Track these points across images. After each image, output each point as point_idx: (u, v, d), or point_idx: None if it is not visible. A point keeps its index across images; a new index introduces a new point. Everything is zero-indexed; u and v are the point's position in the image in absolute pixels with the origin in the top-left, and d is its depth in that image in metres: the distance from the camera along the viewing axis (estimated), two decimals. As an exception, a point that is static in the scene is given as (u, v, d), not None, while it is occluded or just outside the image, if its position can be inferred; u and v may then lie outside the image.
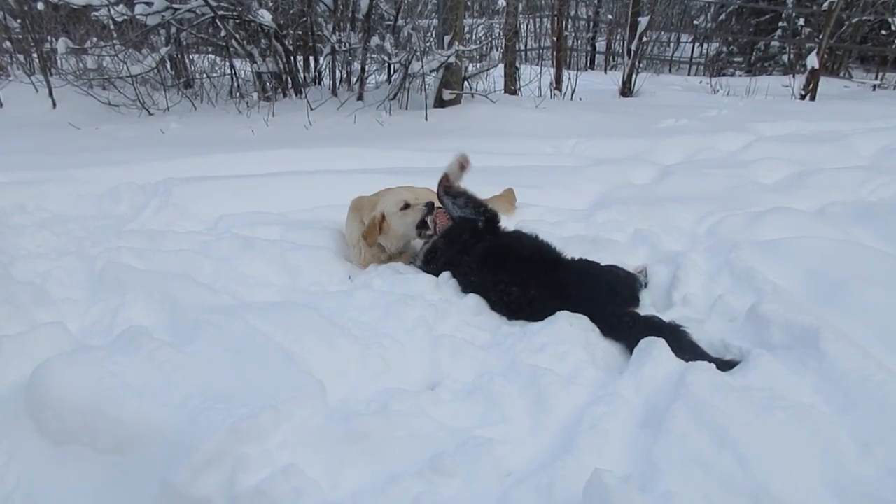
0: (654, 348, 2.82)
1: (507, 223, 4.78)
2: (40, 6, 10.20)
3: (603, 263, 3.73)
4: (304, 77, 11.15)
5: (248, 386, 2.46)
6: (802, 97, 13.83)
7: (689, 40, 24.99)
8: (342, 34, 10.12)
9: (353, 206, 4.40)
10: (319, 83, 11.29)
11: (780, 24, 22.09)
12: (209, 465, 2.09)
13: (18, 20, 11.03)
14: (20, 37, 11.34)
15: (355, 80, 10.84)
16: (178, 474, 2.05)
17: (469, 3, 16.38)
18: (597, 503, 1.88)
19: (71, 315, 3.21)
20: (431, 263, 3.94)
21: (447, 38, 9.66)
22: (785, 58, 21.67)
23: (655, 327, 3.07)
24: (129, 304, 3.23)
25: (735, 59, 23.73)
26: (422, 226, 4.07)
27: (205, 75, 11.09)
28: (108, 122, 9.23)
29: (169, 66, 10.83)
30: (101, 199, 5.16)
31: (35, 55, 10.92)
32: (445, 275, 3.79)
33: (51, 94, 9.76)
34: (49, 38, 10.65)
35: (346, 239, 4.43)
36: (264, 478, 2.08)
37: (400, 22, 10.68)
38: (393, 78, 10.90)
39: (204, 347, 2.73)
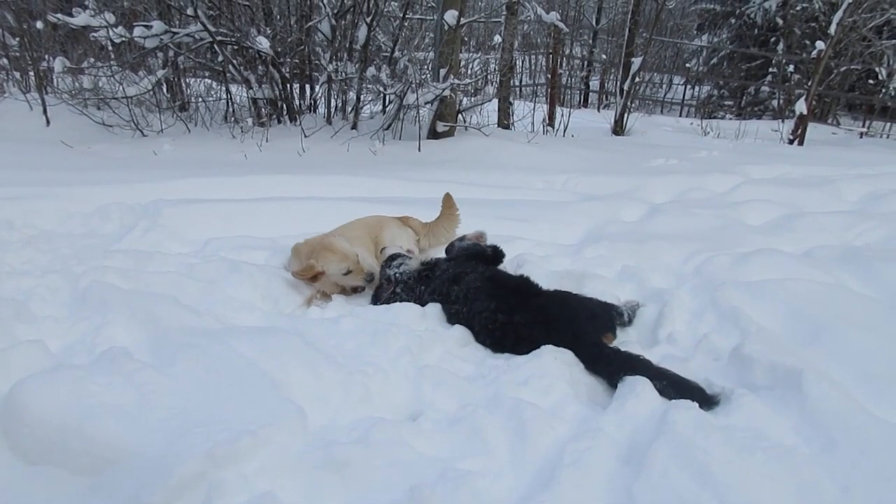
0: (639, 386, 2.82)
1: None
2: (39, 25, 10.29)
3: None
4: (300, 104, 11.24)
5: (227, 410, 2.43)
6: (791, 142, 14.06)
7: (682, 82, 25.50)
8: (339, 63, 10.24)
9: (293, 251, 4.38)
10: (314, 111, 11.39)
11: (771, 69, 22.56)
12: (184, 488, 2.06)
13: (17, 38, 11.09)
14: (17, 54, 11.39)
15: (350, 109, 10.93)
16: (152, 497, 2.01)
17: (465, 38, 16.60)
18: (575, 539, 1.87)
19: (52, 333, 3.15)
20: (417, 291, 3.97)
21: (443, 72, 9.78)
22: (774, 103, 22.10)
23: (637, 363, 3.08)
24: (112, 324, 3.17)
25: (726, 103, 24.16)
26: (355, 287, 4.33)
27: (200, 99, 11.15)
28: (101, 141, 9.25)
29: (165, 89, 10.90)
30: (90, 218, 5.12)
31: (31, 73, 10.95)
32: (431, 305, 3.81)
33: (45, 111, 9.77)
34: (46, 56, 10.70)
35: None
36: (240, 504, 2.05)
37: (397, 54, 10.82)
38: (388, 108, 11.01)
39: (185, 370, 2.70)
